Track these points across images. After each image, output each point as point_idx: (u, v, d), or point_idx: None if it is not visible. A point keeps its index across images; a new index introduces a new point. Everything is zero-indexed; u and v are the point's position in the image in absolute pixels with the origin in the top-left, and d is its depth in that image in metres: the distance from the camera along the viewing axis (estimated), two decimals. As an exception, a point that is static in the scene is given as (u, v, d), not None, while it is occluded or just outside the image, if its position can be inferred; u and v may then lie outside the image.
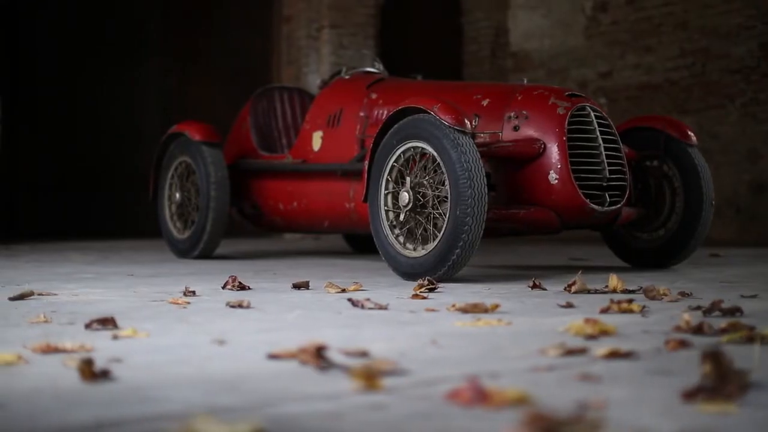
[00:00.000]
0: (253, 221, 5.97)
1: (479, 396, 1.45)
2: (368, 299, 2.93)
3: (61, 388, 1.62)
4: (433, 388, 1.60)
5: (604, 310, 2.77)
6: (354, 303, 2.92)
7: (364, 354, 1.95)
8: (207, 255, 5.76)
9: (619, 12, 9.51)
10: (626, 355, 1.94)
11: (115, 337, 2.24)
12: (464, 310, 2.77)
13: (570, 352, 1.96)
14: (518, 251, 6.68)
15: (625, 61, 9.42)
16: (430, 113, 3.93)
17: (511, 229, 4.30)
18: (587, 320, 2.33)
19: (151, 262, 5.54)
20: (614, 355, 1.94)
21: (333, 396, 1.54)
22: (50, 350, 2.03)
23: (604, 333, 2.27)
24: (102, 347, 2.07)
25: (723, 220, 8.50)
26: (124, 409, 1.44)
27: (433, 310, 2.83)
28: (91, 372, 1.71)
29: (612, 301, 2.83)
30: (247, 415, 1.39)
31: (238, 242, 8.03)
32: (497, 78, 10.19)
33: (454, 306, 2.84)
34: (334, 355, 1.90)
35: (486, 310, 2.78)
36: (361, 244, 6.67)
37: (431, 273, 3.84)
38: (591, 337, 2.23)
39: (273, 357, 1.92)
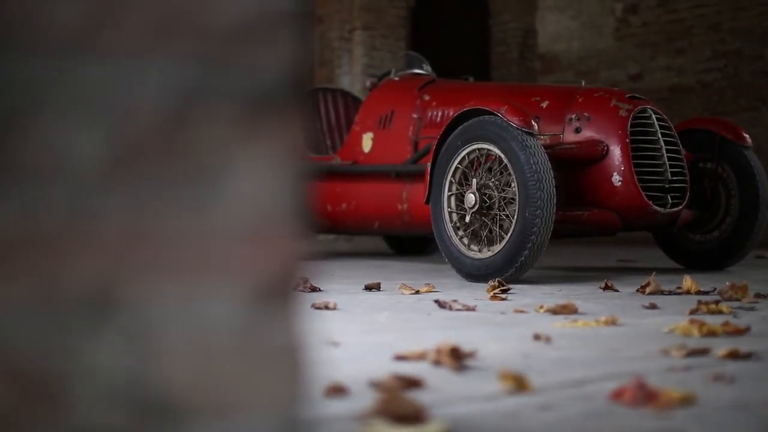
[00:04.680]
0: (297, 223, 5.98)
1: (646, 396, 1.45)
2: (456, 300, 2.94)
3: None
4: (583, 388, 1.61)
5: (693, 311, 2.78)
6: (441, 304, 2.92)
7: (487, 355, 1.95)
8: (254, 256, 5.77)
9: (649, 14, 9.51)
10: (748, 356, 1.94)
11: (223, 338, 2.25)
12: (554, 311, 2.77)
13: (693, 353, 1.97)
14: (561, 253, 6.68)
15: (656, 62, 9.42)
16: (496, 115, 3.94)
17: (571, 231, 4.31)
18: (692, 321, 2.34)
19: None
20: (735, 355, 1.94)
21: (491, 397, 1.54)
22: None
23: (711, 334, 2.28)
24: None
25: (757, 222, 8.49)
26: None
27: (522, 311, 2.83)
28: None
29: (700, 302, 2.84)
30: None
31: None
32: (525, 79, 10.20)
33: (542, 307, 2.84)
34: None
35: (575, 311, 2.79)
36: (403, 245, 6.68)
37: (498, 274, 3.85)
38: (703, 337, 2.23)
39: (400, 358, 1.92)
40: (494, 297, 3.27)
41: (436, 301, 2.97)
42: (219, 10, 0.58)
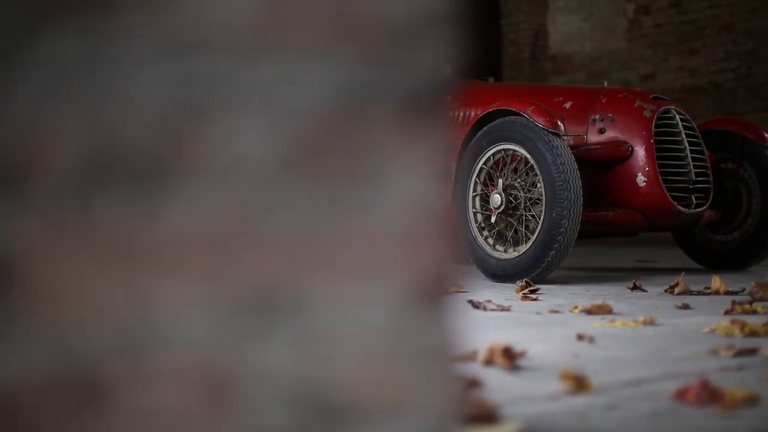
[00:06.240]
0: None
1: (711, 396, 1.46)
2: (489, 301, 2.95)
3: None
4: (644, 388, 1.62)
5: (728, 311, 2.79)
6: (475, 305, 2.93)
7: (536, 355, 1.96)
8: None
9: (662, 15, 9.52)
10: (796, 356, 1.95)
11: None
12: (589, 312, 2.78)
13: (741, 353, 1.97)
14: (577, 253, 6.68)
15: (669, 63, 9.42)
16: (522, 116, 3.95)
17: (596, 231, 4.32)
18: (734, 321, 2.35)
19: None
20: (783, 355, 1.95)
21: (554, 397, 1.55)
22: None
23: (754, 333, 2.29)
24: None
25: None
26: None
27: (557, 312, 2.84)
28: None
29: (734, 302, 2.84)
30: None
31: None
32: (537, 80, 10.21)
33: (576, 307, 2.85)
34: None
35: (611, 311, 2.79)
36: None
37: (524, 275, 3.86)
38: (746, 337, 2.24)
39: (450, 358, 1.93)
40: (525, 297, 3.27)
41: (470, 302, 2.98)
42: (385, 10, 0.59)
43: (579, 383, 1.61)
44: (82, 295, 0.51)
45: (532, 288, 3.47)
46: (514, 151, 4.01)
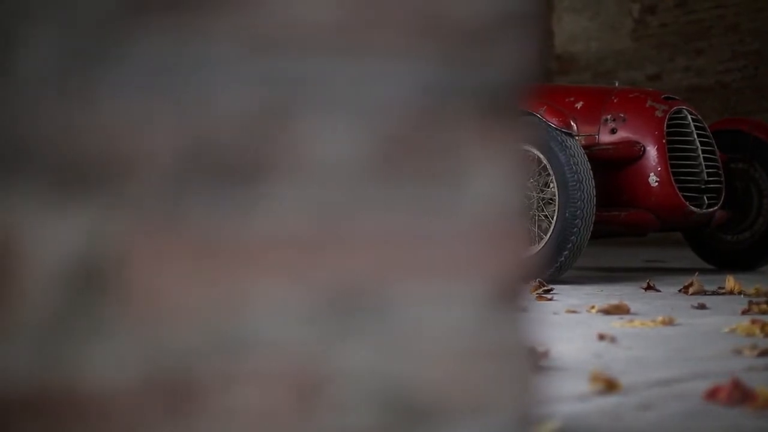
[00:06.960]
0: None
1: (743, 395, 1.46)
2: (506, 301, 2.95)
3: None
4: (672, 387, 1.61)
5: (746, 312, 2.79)
6: (491, 305, 2.93)
7: (559, 355, 1.96)
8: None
9: (667, 15, 9.51)
10: (819, 356, 1.95)
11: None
12: (607, 312, 2.78)
13: (765, 352, 1.97)
14: (587, 253, 6.67)
15: (675, 63, 9.42)
16: (535, 116, 3.95)
17: (608, 231, 4.32)
18: (754, 321, 2.35)
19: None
20: (807, 355, 1.95)
21: (584, 397, 1.55)
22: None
23: (774, 334, 2.29)
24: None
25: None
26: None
27: (574, 312, 2.84)
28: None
29: (751, 302, 2.84)
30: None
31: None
32: (541, 80, 10.21)
33: (593, 308, 2.85)
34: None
35: (628, 311, 2.79)
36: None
37: (537, 275, 3.86)
38: (766, 337, 2.24)
39: (475, 358, 1.93)
40: (539, 297, 3.27)
41: (487, 302, 2.98)
42: (466, 10, 0.59)
43: (609, 384, 1.61)
44: (174, 295, 0.51)
45: (546, 288, 3.47)
46: (527, 151, 4.01)
